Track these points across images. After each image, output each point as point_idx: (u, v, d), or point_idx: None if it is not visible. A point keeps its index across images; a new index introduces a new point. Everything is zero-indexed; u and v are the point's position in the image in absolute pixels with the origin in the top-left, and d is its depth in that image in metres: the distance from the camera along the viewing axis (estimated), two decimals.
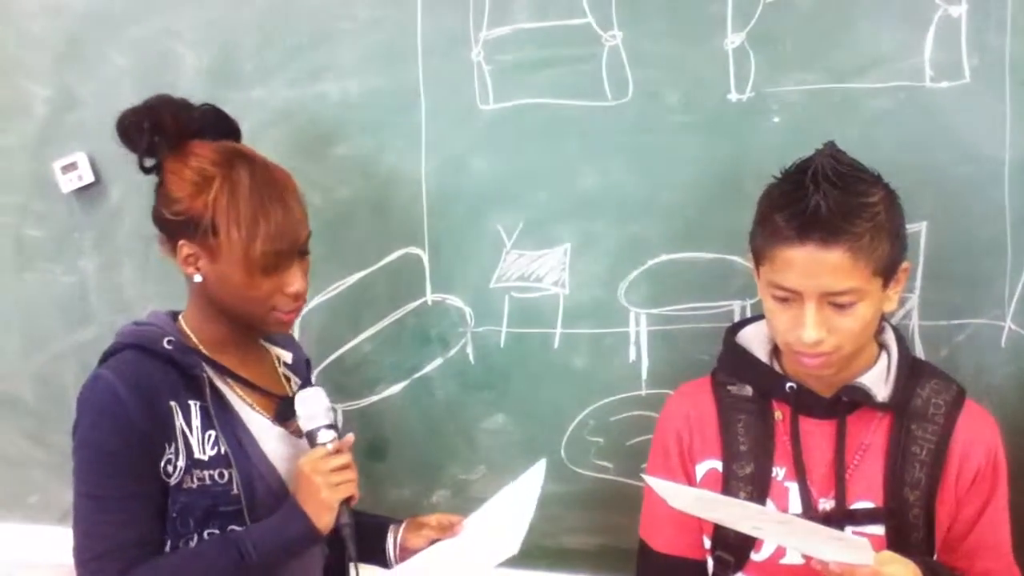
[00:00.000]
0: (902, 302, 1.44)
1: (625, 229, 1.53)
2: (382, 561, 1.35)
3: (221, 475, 1.24)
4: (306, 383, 1.40)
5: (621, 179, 1.51)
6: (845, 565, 1.06)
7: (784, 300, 1.16)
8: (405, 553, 1.34)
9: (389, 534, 1.36)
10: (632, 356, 1.56)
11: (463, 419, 1.65)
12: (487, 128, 1.54)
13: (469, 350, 1.62)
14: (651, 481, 1.15)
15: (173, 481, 1.23)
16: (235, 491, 1.24)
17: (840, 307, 1.14)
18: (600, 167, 1.52)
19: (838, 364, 1.19)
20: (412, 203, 1.59)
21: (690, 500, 1.16)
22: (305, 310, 1.62)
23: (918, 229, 1.41)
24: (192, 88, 1.58)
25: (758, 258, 1.21)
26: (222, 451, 1.25)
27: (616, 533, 1.58)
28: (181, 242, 1.26)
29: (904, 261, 1.20)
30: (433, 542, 1.33)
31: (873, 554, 1.05)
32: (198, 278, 1.27)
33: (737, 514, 1.13)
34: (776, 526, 1.11)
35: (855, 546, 1.05)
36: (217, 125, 1.31)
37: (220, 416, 1.26)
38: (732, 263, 1.48)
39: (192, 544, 1.24)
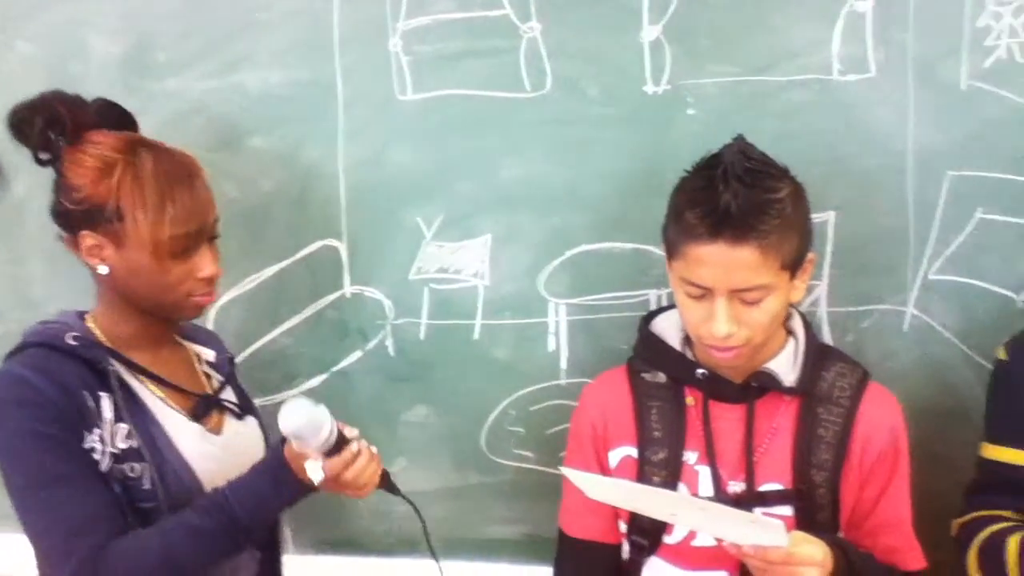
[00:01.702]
0: (810, 290, 1.43)
1: (545, 220, 1.48)
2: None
3: (132, 469, 1.16)
4: (229, 380, 1.33)
5: (541, 170, 1.47)
6: (759, 548, 1.05)
7: (696, 295, 1.15)
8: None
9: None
10: (552, 346, 1.52)
11: (383, 412, 1.58)
12: (406, 119, 1.48)
13: (389, 342, 1.56)
14: (569, 473, 1.12)
15: (102, 468, 1.14)
16: (147, 486, 1.16)
17: (750, 302, 1.12)
18: (520, 158, 1.47)
19: (748, 356, 1.18)
20: (330, 195, 1.52)
21: (607, 490, 1.14)
22: (221, 303, 1.55)
23: (826, 219, 1.41)
24: (104, 78, 1.50)
25: (670, 252, 1.19)
26: (134, 445, 1.16)
27: (538, 522, 1.54)
28: (84, 232, 1.17)
29: (810, 252, 1.19)
30: None
31: (787, 536, 1.03)
32: (104, 269, 1.18)
33: (654, 502, 1.11)
34: (692, 512, 1.09)
35: (770, 528, 1.03)
36: (114, 118, 1.23)
37: (131, 411, 1.17)
38: (650, 253, 1.44)
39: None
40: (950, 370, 1.42)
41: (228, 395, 1.33)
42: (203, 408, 1.26)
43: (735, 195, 1.10)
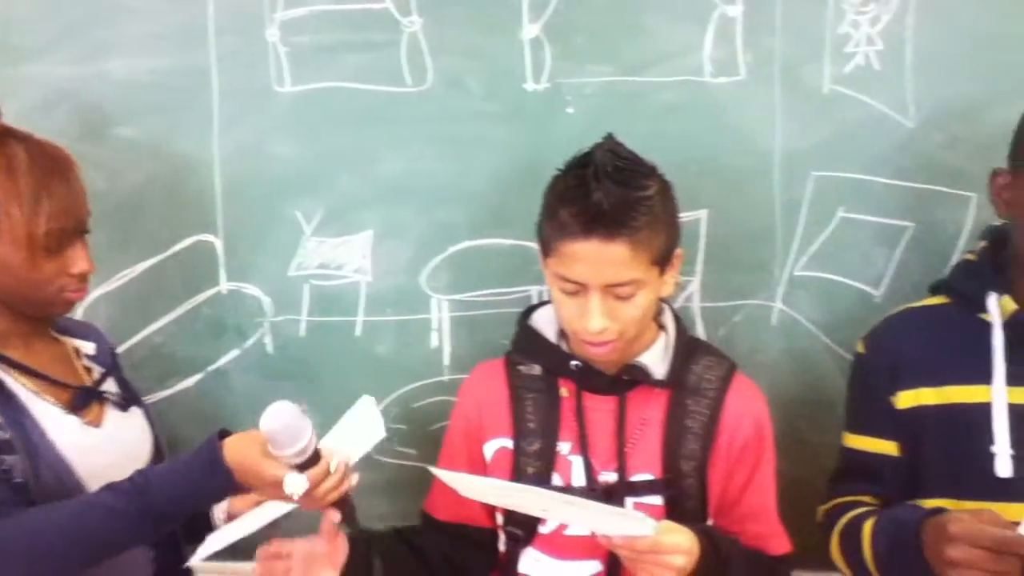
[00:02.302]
0: (684, 286, 1.46)
1: (427, 215, 1.46)
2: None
3: (3, 462, 1.09)
4: (111, 372, 1.28)
5: (423, 165, 1.44)
6: (628, 538, 1.06)
7: (570, 291, 1.15)
8: (233, 520, 1.24)
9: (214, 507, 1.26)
10: (435, 342, 1.50)
11: (261, 410, 1.49)
12: (284, 111, 1.43)
13: (267, 340, 1.50)
14: (440, 473, 1.12)
15: None
16: (19, 479, 1.09)
17: (622, 297, 1.14)
18: (401, 153, 1.44)
19: (622, 350, 1.19)
20: (204, 188, 1.45)
21: (479, 489, 1.14)
22: (89, 300, 1.47)
23: (699, 217, 1.43)
24: None
25: (545, 249, 1.19)
26: (4, 437, 1.09)
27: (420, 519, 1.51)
28: None
29: (678, 248, 1.20)
30: (260, 503, 1.22)
31: (653, 525, 1.05)
32: None
33: (525, 498, 1.11)
34: (563, 507, 1.09)
35: (635, 520, 1.05)
36: None
37: (0, 404, 1.11)
38: (531, 249, 1.42)
39: None
40: (815, 362, 1.47)
41: (111, 387, 1.27)
42: (81, 400, 1.20)
43: (606, 193, 1.11)
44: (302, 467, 1.07)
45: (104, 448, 1.19)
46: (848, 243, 1.43)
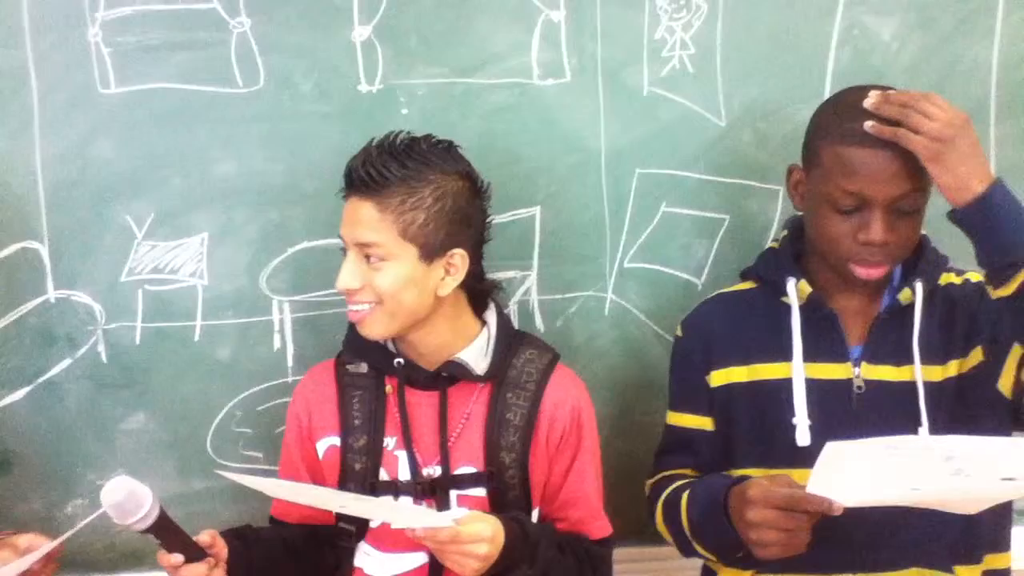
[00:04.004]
0: (523, 280, 1.47)
1: (264, 217, 1.41)
2: None
3: None
4: None
5: (256, 167, 1.40)
6: (430, 529, 1.07)
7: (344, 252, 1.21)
8: None
9: None
10: (277, 344, 1.45)
11: (98, 421, 1.44)
12: (110, 113, 1.36)
13: (101, 348, 1.42)
14: (236, 477, 1.11)
15: None
16: None
17: (372, 262, 1.17)
18: (235, 154, 1.39)
19: (384, 326, 1.19)
20: (26, 193, 1.36)
21: (286, 492, 1.15)
22: None
23: (533, 213, 1.45)
24: None
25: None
26: None
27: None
28: None
29: (458, 248, 1.20)
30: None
31: (453, 516, 1.07)
32: None
33: (326, 499, 1.13)
34: (362, 505, 1.11)
35: (433, 515, 1.09)
36: None
37: None
38: None
39: None
40: (644, 348, 1.51)
41: None
42: None
43: (368, 156, 1.17)
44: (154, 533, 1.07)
45: None
46: (671, 236, 1.49)
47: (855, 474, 1.01)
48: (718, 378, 1.27)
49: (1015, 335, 1.12)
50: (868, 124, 1.12)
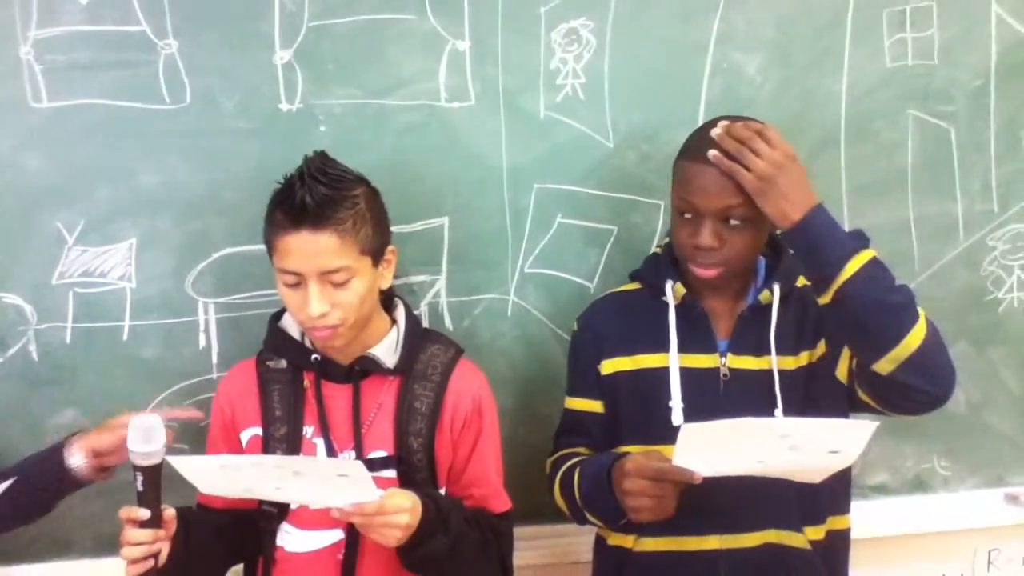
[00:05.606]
0: (432, 283, 1.55)
1: (188, 225, 1.48)
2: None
3: None
4: None
5: (182, 178, 1.46)
6: (356, 504, 1.14)
7: (292, 284, 1.23)
8: (101, 456, 1.29)
9: (65, 451, 1.28)
10: (203, 343, 1.52)
11: (28, 418, 1.48)
12: (41, 126, 1.40)
13: (32, 348, 1.46)
14: (176, 463, 1.16)
15: None
16: None
17: (338, 284, 1.23)
18: (161, 167, 1.45)
19: (347, 335, 1.27)
20: None
21: (214, 473, 1.18)
22: None
23: (442, 223, 1.54)
24: None
25: (269, 250, 1.27)
26: None
27: None
28: None
29: (390, 245, 1.31)
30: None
31: (377, 490, 1.13)
32: None
33: (256, 477, 1.16)
34: (295, 481, 1.14)
35: (359, 481, 1.11)
36: None
37: None
38: None
39: None
40: (543, 345, 1.62)
41: None
42: None
43: (310, 190, 1.20)
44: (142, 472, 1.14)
45: None
46: (566, 244, 1.59)
47: (711, 450, 1.14)
48: (608, 367, 1.38)
49: (836, 334, 1.28)
50: (711, 153, 1.25)
